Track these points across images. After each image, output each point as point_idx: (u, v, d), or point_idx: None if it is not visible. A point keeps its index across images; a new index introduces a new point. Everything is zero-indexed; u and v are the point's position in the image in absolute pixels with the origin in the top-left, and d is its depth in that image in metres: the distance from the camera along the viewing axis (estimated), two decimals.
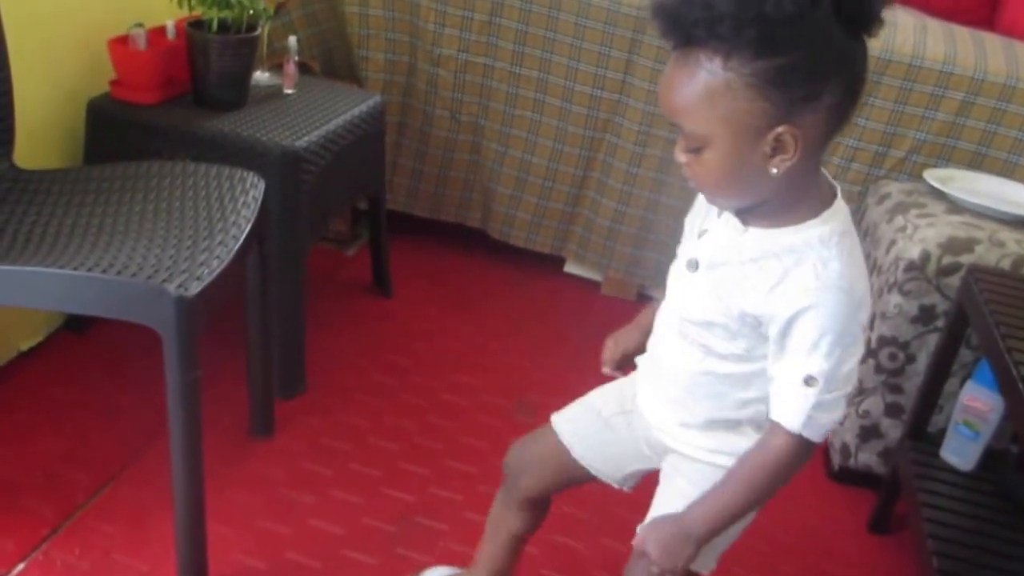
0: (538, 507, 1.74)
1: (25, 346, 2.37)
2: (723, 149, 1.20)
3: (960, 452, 2.18)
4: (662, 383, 1.47)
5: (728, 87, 1.15)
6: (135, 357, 2.40)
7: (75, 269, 1.61)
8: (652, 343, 1.51)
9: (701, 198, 1.41)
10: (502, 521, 1.77)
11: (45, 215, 1.85)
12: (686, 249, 1.41)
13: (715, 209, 1.35)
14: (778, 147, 1.19)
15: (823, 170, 1.31)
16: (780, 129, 1.17)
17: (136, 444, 2.15)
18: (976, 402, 2.13)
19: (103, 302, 1.64)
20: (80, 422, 2.20)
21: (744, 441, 1.39)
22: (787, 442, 1.31)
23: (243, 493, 2.08)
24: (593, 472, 1.62)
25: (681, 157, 1.26)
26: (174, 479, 1.71)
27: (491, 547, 1.80)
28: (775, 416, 1.31)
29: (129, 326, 1.66)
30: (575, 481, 1.66)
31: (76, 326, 2.47)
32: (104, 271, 1.62)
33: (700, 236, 1.37)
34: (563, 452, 1.62)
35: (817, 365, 1.25)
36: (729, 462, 1.39)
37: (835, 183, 1.33)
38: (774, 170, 1.20)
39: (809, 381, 1.26)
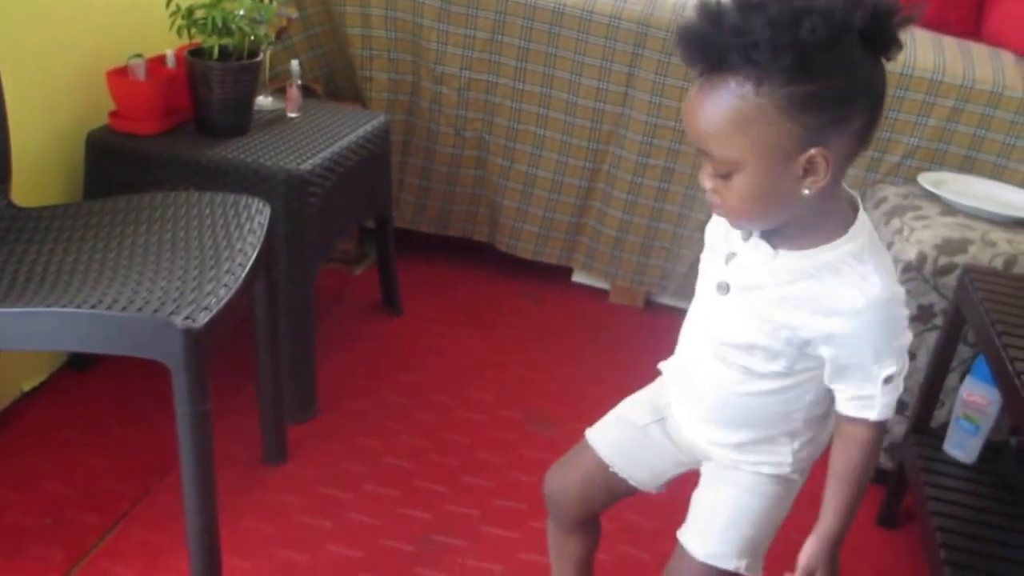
0: (592, 525, 1.67)
1: (28, 386, 2.26)
2: (754, 173, 1.18)
3: (962, 445, 2.14)
4: (698, 401, 1.43)
5: (761, 112, 1.13)
6: (141, 392, 2.31)
7: (78, 307, 1.52)
8: (681, 356, 1.46)
9: None
10: (563, 550, 1.69)
11: (45, 253, 1.75)
12: (713, 270, 1.36)
13: (737, 239, 1.31)
14: (809, 169, 1.17)
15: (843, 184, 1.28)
16: (812, 152, 1.15)
17: (146, 480, 2.05)
18: (975, 397, 2.10)
19: (109, 340, 1.55)
20: (87, 462, 2.10)
21: (780, 451, 1.41)
22: (874, 431, 1.32)
23: (258, 523, 1.98)
24: (633, 483, 1.55)
25: (707, 183, 1.23)
26: (187, 513, 1.61)
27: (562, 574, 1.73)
28: (859, 415, 1.30)
29: (133, 360, 1.57)
30: (619, 495, 1.59)
31: (79, 364, 2.37)
32: (108, 308, 1.52)
33: (728, 260, 1.32)
34: (603, 468, 1.55)
35: (891, 366, 1.27)
36: (772, 470, 1.42)
37: (855, 194, 1.30)
38: (806, 191, 1.18)
39: (888, 380, 1.27)
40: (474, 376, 2.61)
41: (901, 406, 2.24)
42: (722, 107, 1.14)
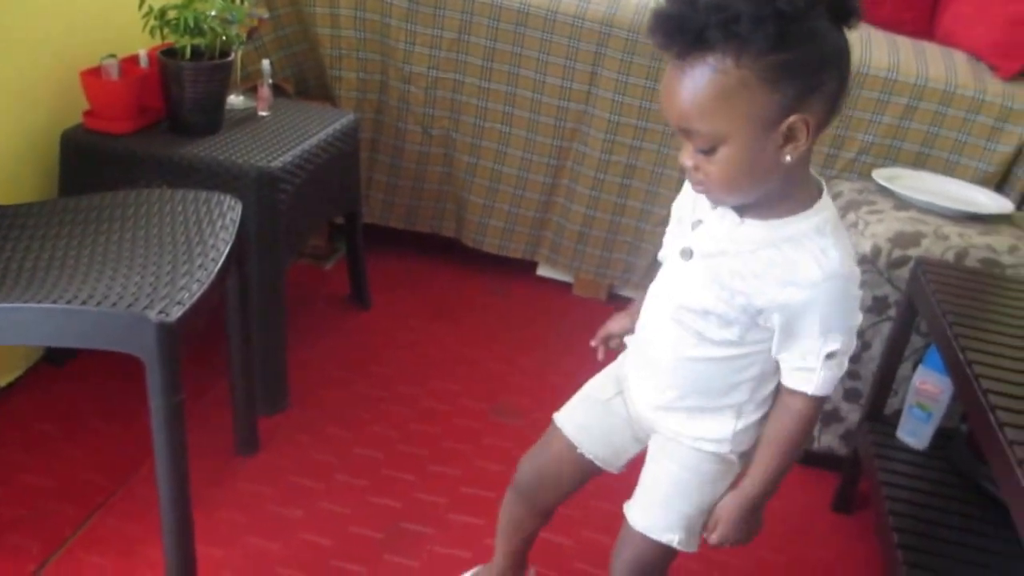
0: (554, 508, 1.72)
1: (4, 381, 2.25)
2: (739, 145, 1.20)
3: (914, 432, 2.17)
4: (651, 367, 1.46)
5: (743, 84, 1.16)
6: (116, 385, 2.31)
7: (54, 303, 1.53)
8: (641, 327, 1.49)
9: (688, 186, 1.39)
10: (518, 524, 1.73)
11: (21, 250, 1.75)
12: (678, 237, 1.39)
13: (705, 207, 1.34)
14: (790, 136, 1.20)
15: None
16: (793, 118, 1.19)
17: (121, 472, 2.05)
18: (927, 385, 2.13)
19: (84, 334, 1.56)
20: (64, 454, 2.10)
21: (723, 427, 1.43)
22: (811, 404, 1.36)
23: (231, 512, 1.99)
24: (598, 463, 1.59)
25: (688, 161, 1.25)
26: (161, 503, 1.63)
27: (509, 546, 1.77)
28: (797, 387, 1.35)
29: (109, 355, 1.58)
30: (588, 476, 1.63)
31: (55, 358, 2.36)
32: (84, 303, 1.53)
33: (695, 227, 1.35)
34: (572, 450, 1.58)
35: (836, 342, 1.30)
36: (712, 447, 1.44)
37: (821, 179, 1.33)
38: (787, 158, 1.22)
39: (830, 356, 1.31)
40: (441, 368, 2.62)
41: (855, 394, 2.29)
42: (704, 83, 1.17)
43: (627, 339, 1.56)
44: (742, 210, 1.30)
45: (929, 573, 1.75)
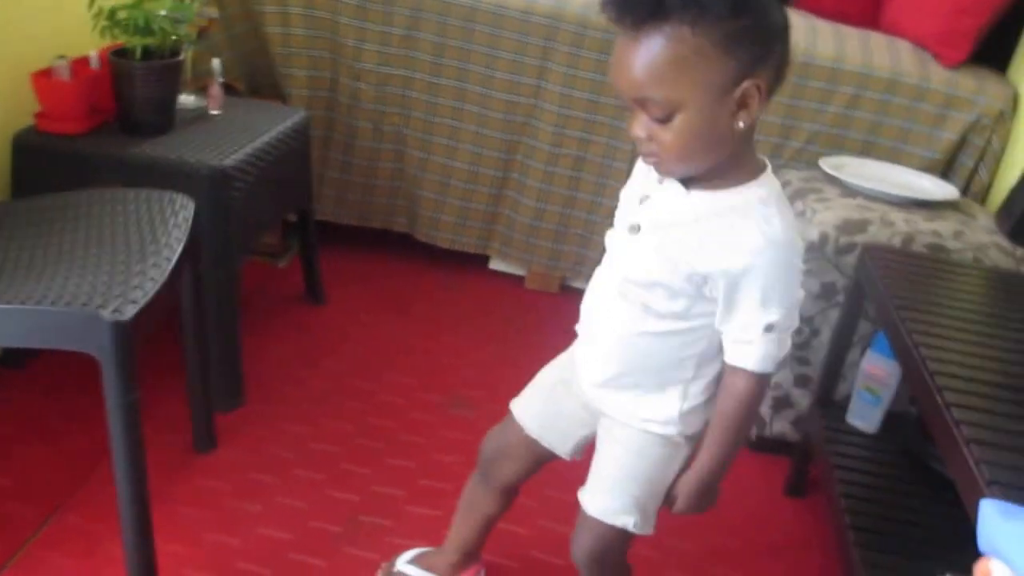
0: (512, 492, 1.74)
1: None
2: (694, 111, 1.22)
3: (864, 416, 2.20)
4: (596, 344, 1.47)
5: (699, 51, 1.18)
6: (75, 386, 2.29)
7: (8, 303, 1.51)
8: (587, 308, 1.49)
9: (638, 171, 1.42)
10: (477, 505, 1.76)
11: None
12: (626, 215, 1.40)
13: (654, 177, 1.35)
14: (743, 101, 1.23)
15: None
16: (746, 84, 1.21)
17: (80, 471, 2.04)
18: (876, 369, 2.16)
19: (38, 334, 1.55)
20: (21, 456, 2.07)
21: (669, 407, 1.45)
22: (753, 382, 1.37)
23: (190, 509, 1.99)
24: (547, 446, 1.60)
25: (642, 132, 1.26)
26: (120, 501, 1.61)
27: (464, 528, 1.79)
28: (738, 363, 1.37)
29: (68, 355, 1.57)
30: (544, 460, 1.65)
31: (13, 361, 2.34)
32: (38, 303, 1.52)
33: (642, 201, 1.36)
34: (527, 436, 1.61)
35: (775, 314, 1.32)
36: (659, 429, 1.46)
37: (764, 158, 1.36)
38: (740, 124, 1.24)
39: (769, 328, 1.33)
40: (397, 362, 2.63)
41: (805, 380, 2.31)
42: (660, 52, 1.18)
43: (577, 327, 1.57)
44: (688, 182, 1.32)
45: (881, 553, 1.78)
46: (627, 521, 1.50)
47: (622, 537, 1.53)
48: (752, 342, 1.34)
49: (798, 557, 2.13)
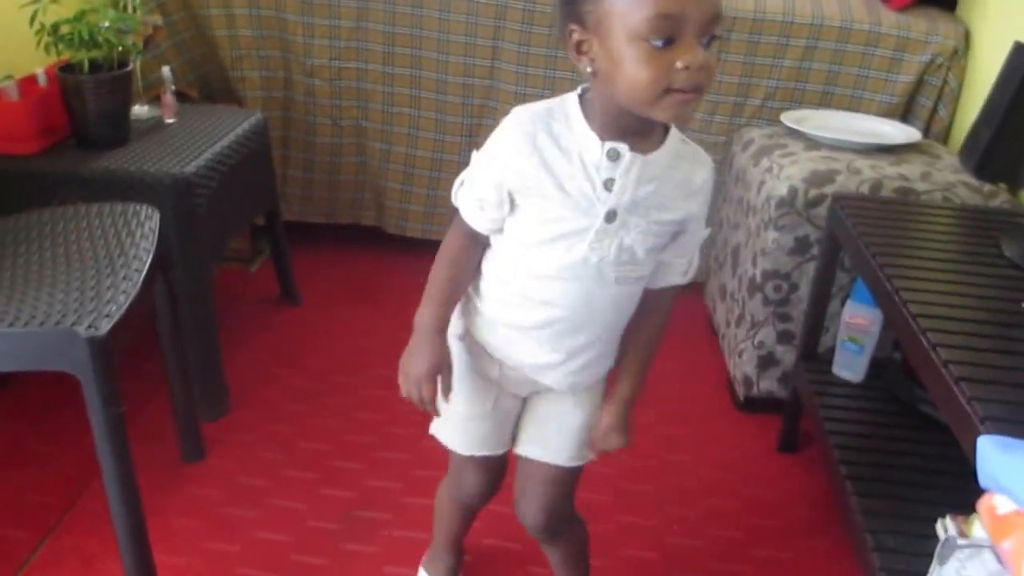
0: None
1: None
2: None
3: (849, 366, 2.21)
4: (586, 332, 1.37)
5: None
6: (56, 406, 2.27)
7: None
8: (555, 317, 1.35)
9: (524, 163, 1.28)
10: (464, 514, 1.76)
11: None
12: (584, 206, 1.27)
13: (605, 163, 1.24)
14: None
15: None
16: None
17: (71, 491, 2.02)
18: (857, 319, 2.17)
19: (14, 356, 1.52)
20: (10, 480, 2.05)
21: (614, 351, 1.45)
22: (674, 295, 1.42)
23: (185, 519, 1.97)
24: (504, 452, 1.57)
25: (700, 58, 1.13)
26: (114, 517, 1.60)
27: (452, 533, 1.79)
28: (673, 281, 1.39)
29: (47, 376, 1.55)
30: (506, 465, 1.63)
31: None
32: (10, 325, 1.50)
33: (608, 187, 1.25)
34: (486, 462, 1.58)
35: (706, 230, 1.37)
36: (604, 371, 1.47)
37: None
38: None
39: (703, 241, 1.38)
40: (377, 355, 2.61)
41: (788, 336, 2.32)
42: None
43: (507, 331, 1.43)
44: (641, 147, 1.25)
45: (878, 499, 1.78)
46: (587, 455, 1.50)
47: (578, 472, 1.54)
48: (693, 262, 1.39)
49: (797, 512, 2.14)
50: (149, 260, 1.75)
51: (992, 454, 1.16)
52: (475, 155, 1.35)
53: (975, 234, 1.97)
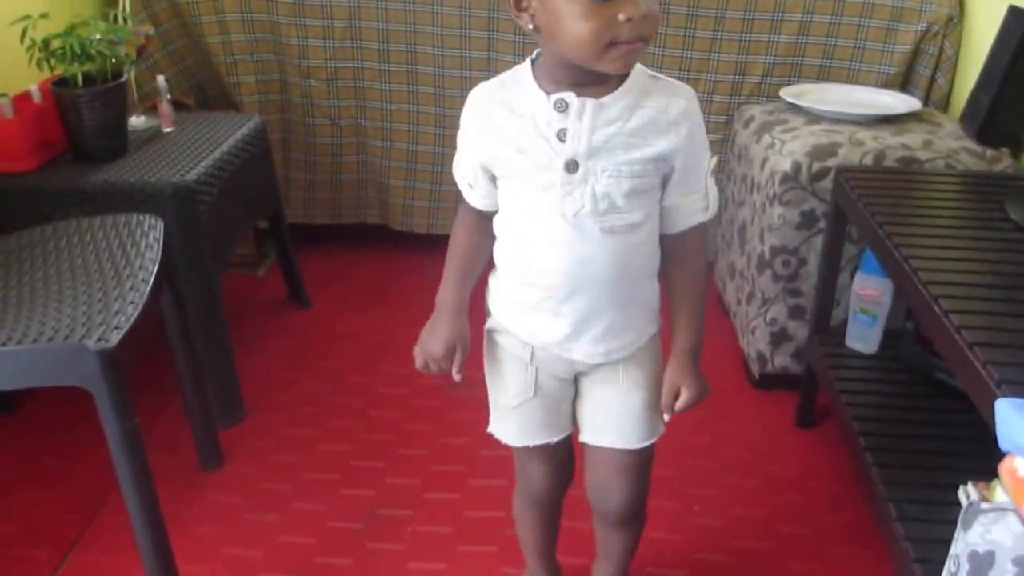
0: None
1: None
2: None
3: (862, 338, 2.20)
4: (596, 297, 1.35)
5: None
6: (70, 422, 2.27)
7: None
8: (557, 285, 1.34)
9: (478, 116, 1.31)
10: (536, 518, 1.70)
11: None
12: (540, 162, 1.26)
13: (554, 115, 1.24)
14: None
15: None
16: None
17: (90, 506, 2.02)
18: (867, 290, 2.16)
19: (26, 373, 1.52)
20: (28, 501, 2.05)
21: (655, 300, 1.43)
22: (705, 232, 1.39)
23: (207, 527, 1.97)
24: (566, 435, 1.53)
25: (643, 8, 1.14)
26: (135, 529, 1.60)
27: (543, 549, 1.75)
28: (696, 219, 1.36)
29: (59, 393, 1.55)
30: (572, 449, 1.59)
31: (4, 406, 2.32)
32: (19, 342, 1.49)
33: (561, 137, 1.24)
34: (549, 449, 1.53)
35: (711, 158, 1.35)
36: (655, 327, 1.45)
37: None
38: None
39: (711, 171, 1.35)
40: (389, 352, 2.62)
41: (800, 311, 2.31)
42: None
43: (520, 317, 1.43)
44: (591, 95, 1.24)
45: (899, 469, 1.77)
46: (661, 428, 1.48)
47: (651, 455, 1.52)
48: (707, 195, 1.35)
49: (817, 487, 2.13)
50: (155, 270, 1.74)
51: (1010, 417, 1.15)
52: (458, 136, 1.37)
53: (980, 199, 1.97)
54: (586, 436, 1.50)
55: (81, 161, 2.19)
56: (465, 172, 1.38)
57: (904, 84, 2.77)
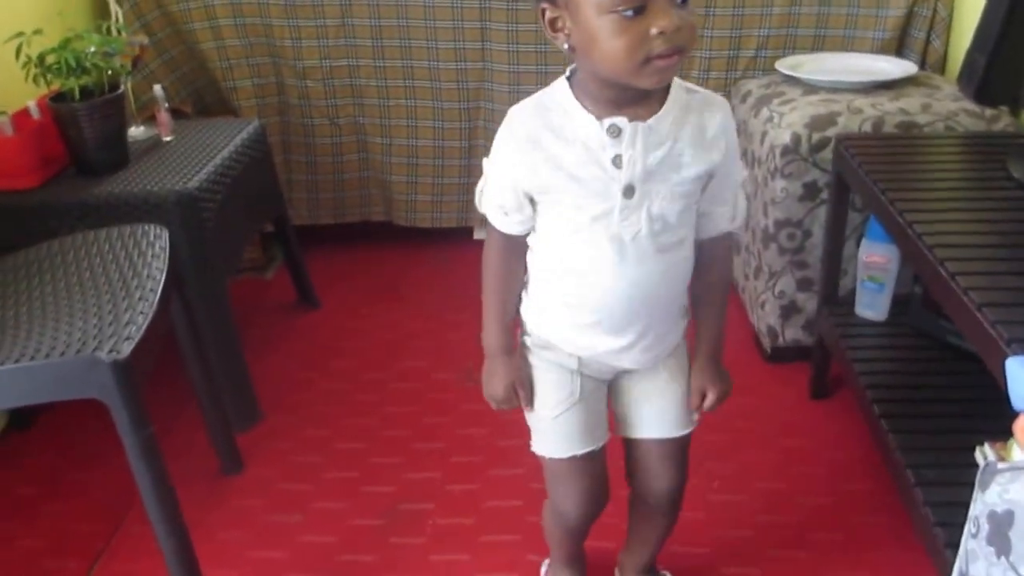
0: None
1: None
2: None
3: (872, 305, 2.20)
4: (650, 311, 1.36)
5: None
6: (87, 434, 2.28)
7: (2, 364, 1.49)
8: (608, 310, 1.34)
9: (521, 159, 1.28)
10: (567, 538, 1.69)
11: None
12: (597, 189, 1.26)
13: (607, 140, 1.23)
14: None
15: None
16: None
17: (113, 517, 2.03)
18: (874, 257, 2.16)
19: (40, 389, 1.52)
20: (53, 513, 2.06)
21: (685, 290, 1.42)
22: (731, 239, 1.43)
23: (230, 532, 1.98)
24: (603, 444, 1.51)
25: (676, 21, 1.13)
26: (159, 537, 1.61)
27: (562, 548, 1.73)
28: (725, 228, 1.38)
29: (73, 405, 1.55)
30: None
31: (20, 423, 2.33)
32: (32, 358, 1.50)
33: (616, 163, 1.24)
34: (594, 458, 1.50)
35: (743, 169, 1.38)
36: (684, 327, 1.46)
37: None
38: None
39: (743, 183, 1.38)
40: (401, 348, 2.62)
41: (808, 283, 2.32)
42: None
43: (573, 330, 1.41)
44: (639, 117, 1.23)
45: (915, 435, 1.77)
46: (696, 417, 1.52)
47: (690, 440, 1.54)
48: (738, 204, 1.37)
49: (835, 457, 2.13)
50: (163, 279, 1.74)
51: (1021, 375, 1.15)
52: (486, 163, 1.35)
53: (981, 160, 1.97)
54: (629, 431, 1.52)
55: (83, 175, 2.20)
56: (502, 200, 1.33)
57: (899, 48, 2.75)
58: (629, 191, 1.25)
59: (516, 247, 1.39)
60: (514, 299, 1.44)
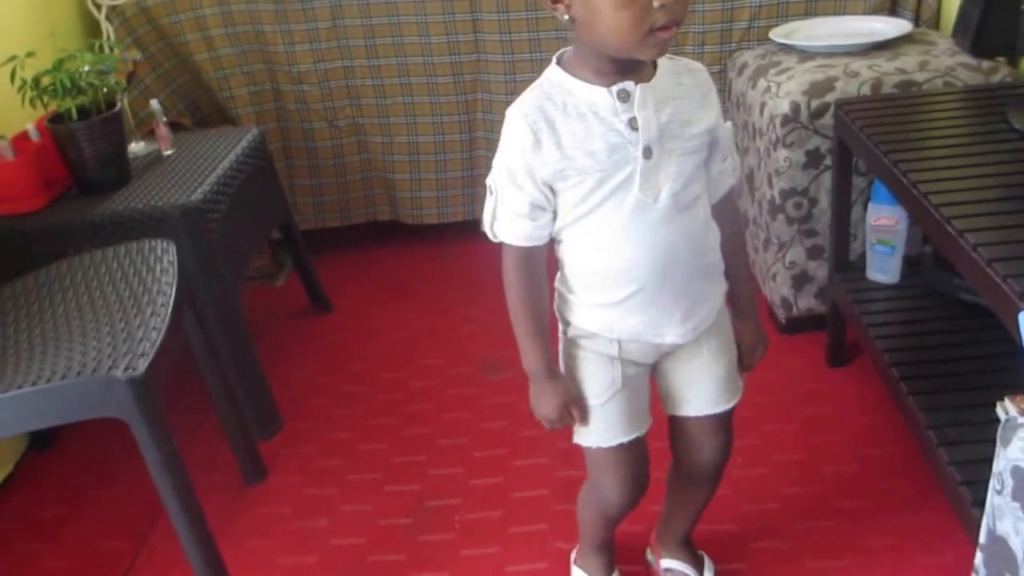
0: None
1: None
2: None
3: (883, 268, 2.20)
4: (683, 278, 1.36)
5: None
6: (109, 451, 2.29)
7: (19, 388, 1.49)
8: (641, 275, 1.34)
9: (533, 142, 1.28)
10: (602, 529, 1.70)
11: None
12: (617, 153, 1.26)
13: (619, 105, 1.25)
14: None
15: None
16: None
17: (140, 531, 2.04)
18: (882, 219, 2.16)
19: (58, 410, 1.53)
20: (77, 533, 2.08)
21: (718, 255, 1.43)
22: (734, 192, 1.46)
23: (257, 540, 1.99)
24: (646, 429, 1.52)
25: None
26: (186, 550, 1.62)
27: (595, 535, 1.72)
28: (730, 183, 1.43)
29: (93, 424, 1.56)
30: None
31: (40, 445, 2.34)
32: (49, 380, 1.50)
33: (632, 126, 1.25)
34: (641, 444, 1.51)
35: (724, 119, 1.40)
36: (724, 290, 1.46)
37: None
38: None
39: (731, 134, 1.41)
40: (416, 346, 2.62)
41: (818, 251, 2.31)
42: None
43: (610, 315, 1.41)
44: (640, 79, 1.26)
45: (935, 395, 1.77)
46: (741, 383, 1.55)
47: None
48: (732, 155, 1.41)
49: (856, 423, 2.13)
50: (173, 293, 1.75)
51: None
52: (490, 181, 1.34)
53: (982, 113, 1.95)
54: (676, 410, 1.53)
55: (87, 194, 2.21)
56: (522, 206, 1.31)
57: (893, 7, 2.73)
58: (648, 152, 1.26)
59: (536, 260, 1.37)
60: (545, 314, 1.41)
